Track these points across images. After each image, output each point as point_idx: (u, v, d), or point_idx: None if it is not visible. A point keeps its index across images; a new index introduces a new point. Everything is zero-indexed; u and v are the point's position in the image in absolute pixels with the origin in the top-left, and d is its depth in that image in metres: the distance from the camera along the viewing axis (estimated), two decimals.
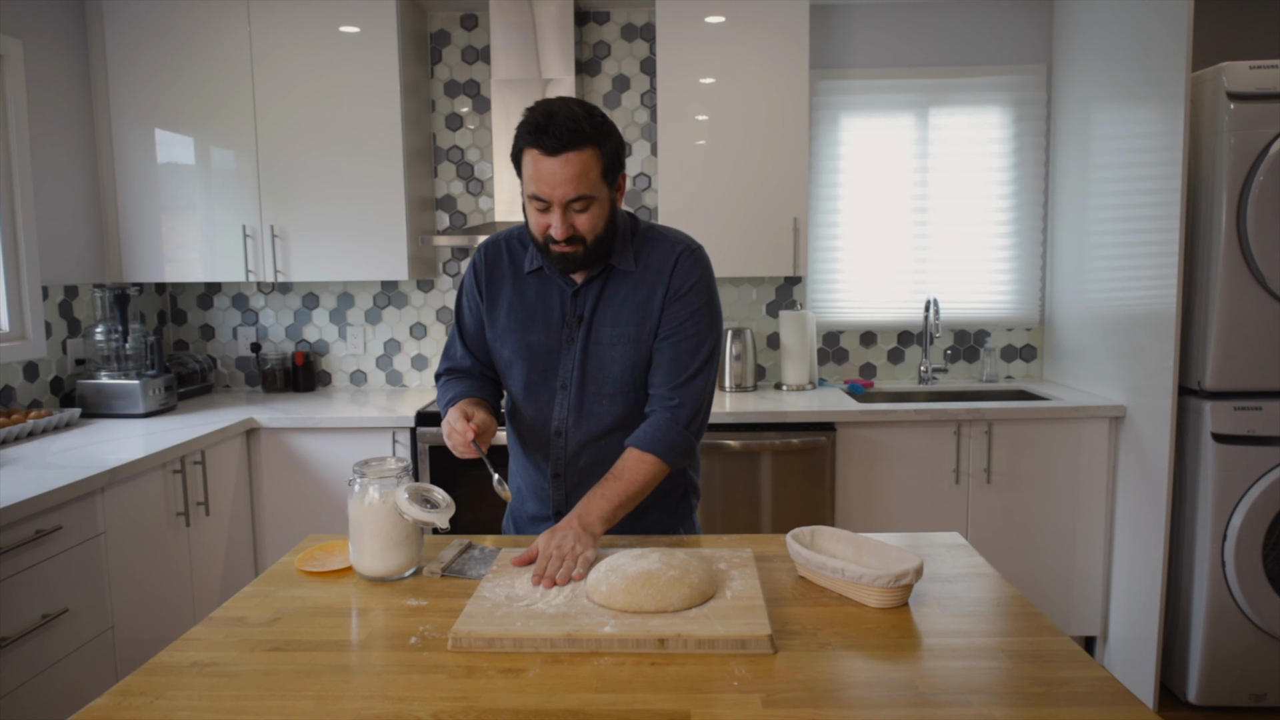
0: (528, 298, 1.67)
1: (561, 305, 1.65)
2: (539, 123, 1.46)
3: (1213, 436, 2.70)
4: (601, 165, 1.49)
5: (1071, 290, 3.39)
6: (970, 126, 3.55)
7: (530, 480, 1.75)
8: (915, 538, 1.64)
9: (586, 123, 1.47)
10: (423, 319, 3.67)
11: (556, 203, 1.48)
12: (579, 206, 1.50)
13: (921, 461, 3.03)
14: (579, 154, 1.46)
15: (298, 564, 1.52)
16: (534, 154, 1.47)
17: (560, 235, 1.51)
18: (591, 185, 1.49)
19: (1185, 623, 2.81)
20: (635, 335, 1.63)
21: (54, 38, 3.06)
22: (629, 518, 1.70)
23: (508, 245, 1.72)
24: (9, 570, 1.96)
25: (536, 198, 1.50)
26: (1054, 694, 1.07)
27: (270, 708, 1.06)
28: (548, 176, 1.47)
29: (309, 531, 3.00)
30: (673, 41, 3.18)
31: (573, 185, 1.47)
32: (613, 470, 1.59)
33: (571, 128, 1.45)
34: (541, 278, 1.67)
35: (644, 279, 1.63)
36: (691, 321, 1.63)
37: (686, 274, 1.63)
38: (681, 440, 1.61)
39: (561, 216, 1.49)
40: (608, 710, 1.03)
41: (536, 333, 1.66)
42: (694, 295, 1.63)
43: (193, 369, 3.55)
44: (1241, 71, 2.59)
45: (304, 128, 3.22)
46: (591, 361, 1.64)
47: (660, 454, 1.59)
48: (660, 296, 1.62)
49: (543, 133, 1.45)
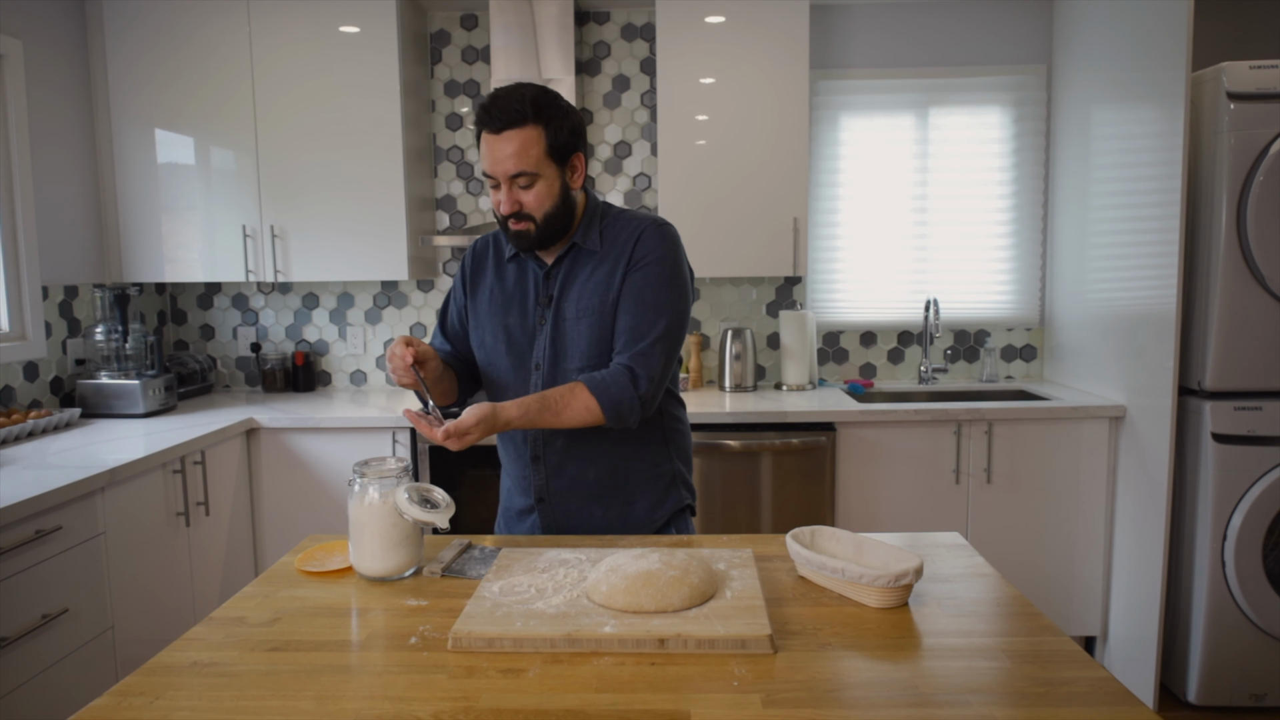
0: (507, 283, 1.74)
1: (535, 288, 1.71)
2: (485, 104, 1.56)
3: (1213, 436, 2.70)
4: (545, 144, 1.56)
5: (1071, 290, 3.39)
6: (970, 126, 3.55)
7: (515, 471, 1.77)
8: (915, 538, 1.64)
9: (529, 104, 1.55)
10: (423, 319, 3.67)
11: (501, 179, 1.57)
12: (523, 183, 1.57)
13: (921, 461, 3.03)
14: (519, 131, 1.54)
15: (298, 564, 1.52)
16: (484, 134, 1.57)
17: (505, 210, 1.59)
18: (533, 162, 1.56)
19: (1185, 623, 2.81)
20: (598, 308, 1.65)
21: (54, 38, 3.06)
22: (618, 504, 1.72)
23: (495, 238, 1.79)
24: (9, 570, 1.96)
25: (488, 175, 1.59)
26: (1054, 694, 1.07)
27: (270, 708, 1.06)
28: (491, 153, 1.56)
29: (309, 531, 3.00)
30: (673, 41, 3.18)
31: (513, 161, 1.55)
32: (540, 391, 1.61)
33: (512, 107, 1.54)
34: (520, 263, 1.74)
35: (607, 255, 1.67)
36: (651, 289, 1.63)
37: (650, 246, 1.65)
38: (627, 400, 1.59)
39: (507, 192, 1.58)
40: (608, 710, 1.03)
41: (514, 315, 1.72)
42: (655, 266, 1.64)
43: (193, 369, 3.55)
44: (1241, 71, 2.59)
45: (304, 128, 3.22)
46: (559, 340, 1.67)
47: (601, 401, 1.58)
48: (622, 269, 1.65)
49: (486, 112, 1.55)
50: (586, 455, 1.70)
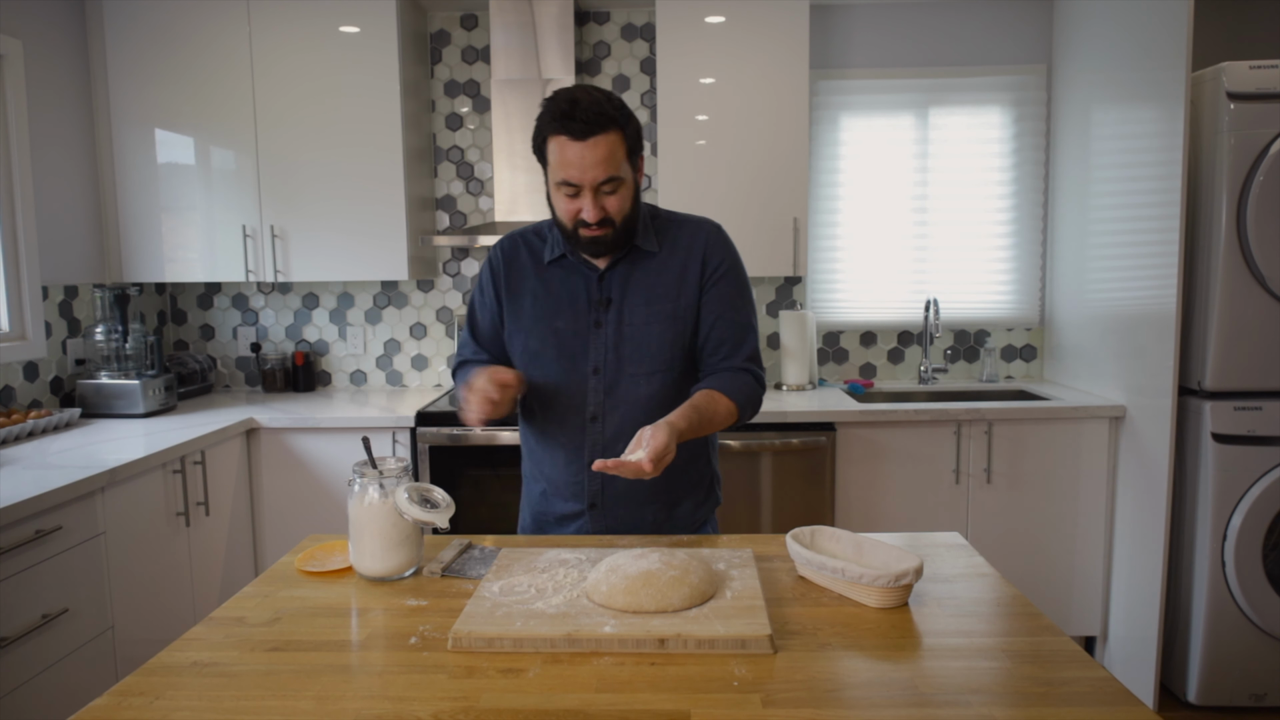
0: (552, 287, 1.69)
1: (587, 290, 1.68)
2: (564, 109, 1.49)
3: (1213, 436, 2.70)
4: (626, 147, 1.55)
5: (1071, 290, 3.39)
6: (970, 126, 3.55)
7: (559, 476, 1.72)
8: (915, 538, 1.64)
9: (609, 105, 1.52)
10: (423, 319, 3.67)
11: (587, 186, 1.53)
12: (609, 189, 1.55)
13: (921, 461, 3.03)
14: (605, 137, 1.50)
15: (298, 564, 1.52)
16: (561, 140, 1.51)
17: (593, 218, 1.54)
18: (619, 166, 1.54)
19: (1185, 623, 2.81)
20: (672, 312, 1.66)
21: (54, 38, 3.06)
22: (666, 506, 1.72)
23: (524, 240, 1.75)
24: (9, 570, 1.96)
25: (567, 183, 1.53)
26: (1054, 694, 1.07)
27: (270, 708, 1.06)
28: (577, 161, 1.50)
29: (309, 531, 3.00)
30: (673, 41, 3.18)
31: (602, 168, 1.51)
32: (689, 402, 1.59)
33: (597, 111, 1.49)
34: (564, 266, 1.70)
35: (673, 257, 1.68)
36: (738, 297, 1.70)
37: (722, 253, 1.70)
38: (758, 396, 1.68)
39: (593, 199, 1.54)
40: (608, 710, 1.03)
41: (564, 319, 1.68)
42: (733, 273, 1.70)
43: (193, 369, 3.55)
44: (1241, 71, 2.59)
45: (304, 128, 3.22)
46: (627, 343, 1.65)
47: (739, 403, 1.63)
48: (696, 273, 1.67)
49: (569, 118, 1.49)
50: None
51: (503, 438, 2.96)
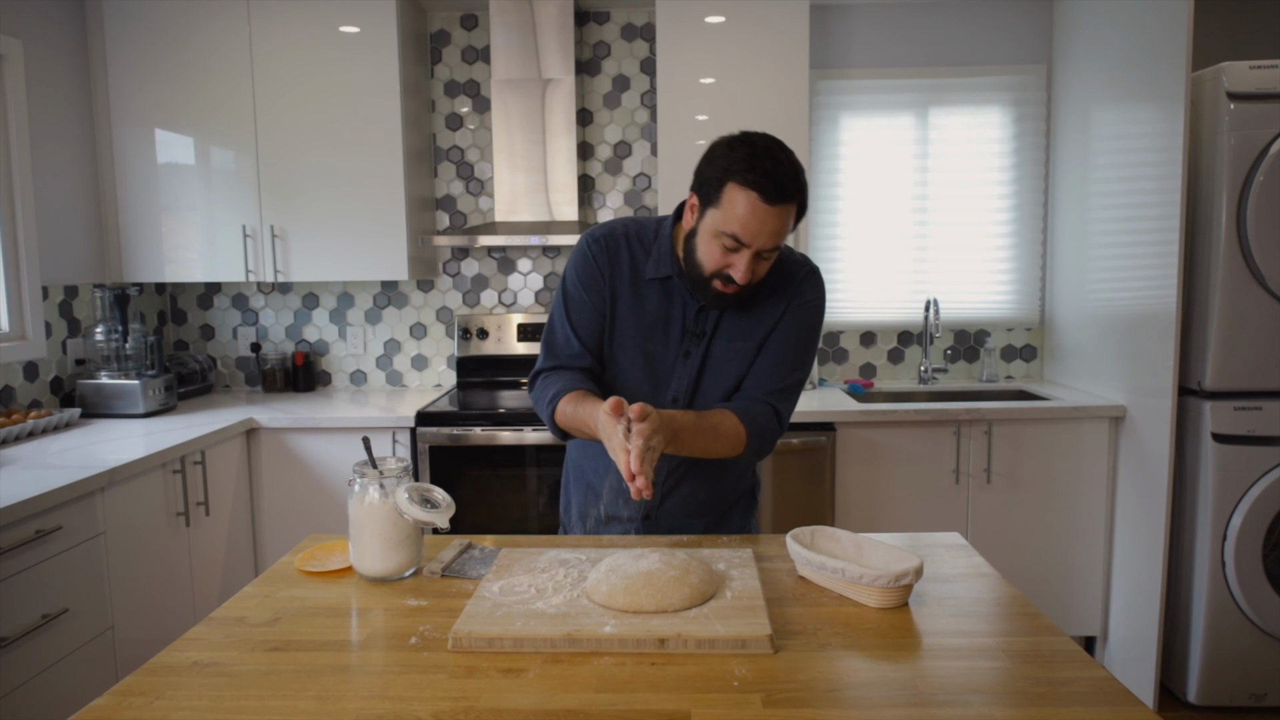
0: (649, 306, 1.63)
1: (684, 320, 1.62)
2: (766, 168, 1.41)
3: (1213, 436, 2.70)
4: (796, 218, 1.49)
5: (1071, 290, 3.39)
6: (970, 126, 3.55)
7: (616, 484, 1.69)
8: (915, 538, 1.64)
9: (801, 175, 1.45)
10: (423, 319, 3.67)
11: (754, 249, 1.46)
12: (768, 255, 1.49)
13: (921, 462, 3.03)
14: (789, 207, 1.45)
15: (298, 564, 1.52)
16: (750, 196, 1.42)
17: (743, 279, 1.48)
18: (786, 236, 1.49)
19: (1185, 623, 2.81)
20: (748, 350, 1.62)
21: (54, 38, 3.06)
22: (715, 517, 1.71)
23: (627, 243, 1.64)
24: (9, 570, 1.96)
25: (734, 237, 1.45)
26: (1054, 694, 1.07)
27: (270, 708, 1.06)
28: (758, 223, 1.43)
29: (309, 531, 3.00)
30: (673, 41, 3.18)
31: (777, 237, 1.46)
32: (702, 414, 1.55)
33: (793, 178, 1.43)
34: (663, 287, 1.62)
35: (767, 295, 1.62)
36: (806, 333, 1.64)
37: (814, 291, 1.64)
38: (771, 435, 1.61)
39: (750, 262, 1.47)
40: (608, 710, 1.03)
41: (656, 342, 1.63)
42: (814, 312, 1.64)
43: (193, 369, 3.55)
44: (1241, 71, 2.59)
45: (304, 128, 3.22)
46: (707, 375, 1.63)
47: (750, 431, 1.57)
48: (782, 307, 1.62)
49: (768, 178, 1.41)
50: (700, 475, 1.68)
51: (503, 438, 2.96)
